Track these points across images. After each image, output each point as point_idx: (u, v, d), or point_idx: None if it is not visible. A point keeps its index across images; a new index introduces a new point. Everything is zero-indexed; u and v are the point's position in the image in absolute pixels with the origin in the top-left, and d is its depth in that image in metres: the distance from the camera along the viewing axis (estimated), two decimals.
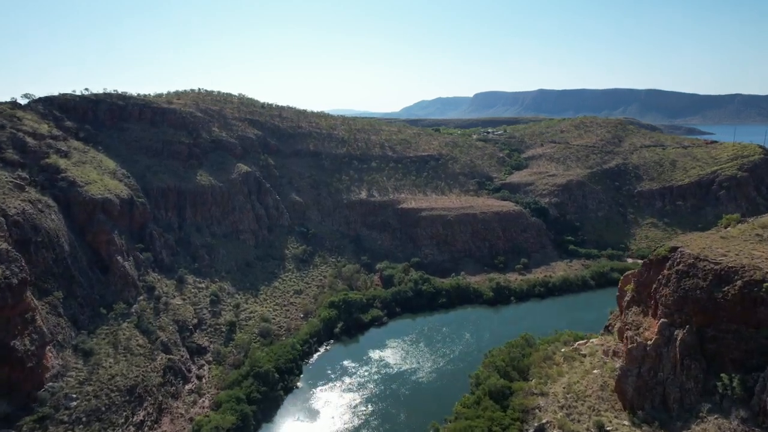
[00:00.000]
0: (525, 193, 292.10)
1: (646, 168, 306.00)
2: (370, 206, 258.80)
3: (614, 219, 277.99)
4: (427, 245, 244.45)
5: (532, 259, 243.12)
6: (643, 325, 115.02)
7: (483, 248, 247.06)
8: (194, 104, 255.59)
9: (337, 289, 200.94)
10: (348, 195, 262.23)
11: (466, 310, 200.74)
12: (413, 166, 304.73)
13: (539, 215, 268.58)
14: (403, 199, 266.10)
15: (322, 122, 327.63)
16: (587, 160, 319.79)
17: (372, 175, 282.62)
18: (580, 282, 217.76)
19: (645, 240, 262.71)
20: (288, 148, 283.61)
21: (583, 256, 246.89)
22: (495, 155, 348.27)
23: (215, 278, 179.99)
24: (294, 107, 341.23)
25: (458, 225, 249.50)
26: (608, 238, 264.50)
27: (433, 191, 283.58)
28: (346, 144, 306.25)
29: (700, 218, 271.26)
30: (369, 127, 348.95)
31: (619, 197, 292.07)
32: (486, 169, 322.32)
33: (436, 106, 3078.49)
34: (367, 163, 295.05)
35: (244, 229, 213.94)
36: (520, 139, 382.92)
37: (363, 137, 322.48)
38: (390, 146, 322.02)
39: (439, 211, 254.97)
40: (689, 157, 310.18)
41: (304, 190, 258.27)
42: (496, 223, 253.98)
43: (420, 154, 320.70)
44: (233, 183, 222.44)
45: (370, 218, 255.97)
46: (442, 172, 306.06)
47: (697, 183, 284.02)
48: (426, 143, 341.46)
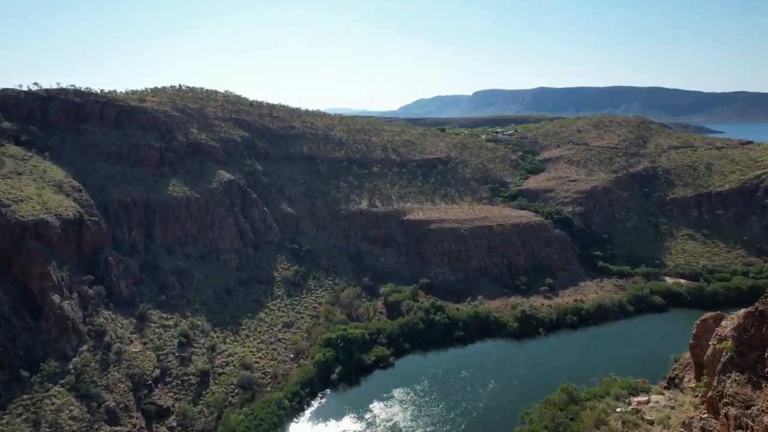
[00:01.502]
0: (544, 201, 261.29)
1: (678, 172, 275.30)
2: (371, 218, 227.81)
3: (645, 230, 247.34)
4: (438, 263, 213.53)
5: (558, 278, 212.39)
6: (756, 402, 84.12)
7: (501, 266, 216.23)
8: (170, 102, 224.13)
9: (335, 320, 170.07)
10: (347, 205, 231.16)
11: (487, 343, 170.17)
12: (419, 171, 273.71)
13: (563, 227, 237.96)
14: (408, 209, 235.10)
15: (318, 122, 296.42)
16: (611, 164, 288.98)
17: (373, 181, 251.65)
18: (617, 308, 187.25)
19: (682, 255, 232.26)
20: (279, 151, 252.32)
21: (615, 274, 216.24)
22: (507, 158, 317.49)
23: (187, 312, 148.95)
24: (286, 105, 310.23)
25: (472, 239, 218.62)
26: (640, 252, 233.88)
27: (442, 199, 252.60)
28: (345, 146, 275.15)
29: (744, 230, 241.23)
30: (369, 128, 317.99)
31: (650, 205, 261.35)
32: (499, 174, 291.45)
33: (436, 104, 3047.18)
34: (368, 167, 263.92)
35: (226, 248, 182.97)
36: (533, 140, 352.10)
37: (363, 138, 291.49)
38: (393, 148, 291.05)
39: (450, 223, 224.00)
40: (726, 160, 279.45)
41: (297, 200, 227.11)
42: (515, 237, 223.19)
43: (426, 157, 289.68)
44: (213, 193, 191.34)
45: (372, 231, 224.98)
46: (452, 177, 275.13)
47: (738, 189, 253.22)
48: (432, 145, 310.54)
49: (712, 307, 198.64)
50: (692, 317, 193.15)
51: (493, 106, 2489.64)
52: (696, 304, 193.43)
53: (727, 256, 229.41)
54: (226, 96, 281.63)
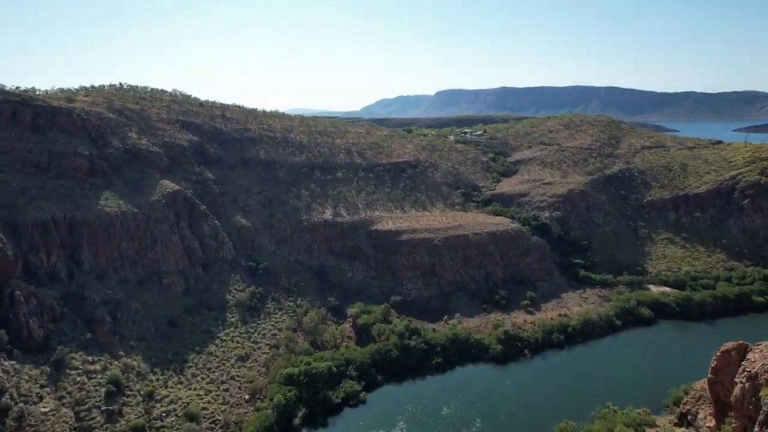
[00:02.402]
0: (520, 206, 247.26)
1: (654, 173, 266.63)
2: (336, 229, 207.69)
3: (624, 235, 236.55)
4: (410, 277, 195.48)
5: (539, 290, 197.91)
6: None
7: (478, 279, 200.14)
8: (106, 103, 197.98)
9: (297, 349, 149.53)
10: (309, 215, 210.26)
11: (468, 369, 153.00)
12: (387, 176, 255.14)
13: (541, 234, 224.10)
14: (377, 219, 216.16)
15: (276, 124, 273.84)
16: (585, 165, 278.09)
17: (338, 188, 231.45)
18: (604, 322, 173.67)
19: (663, 260, 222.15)
20: (232, 156, 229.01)
21: (598, 284, 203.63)
22: (478, 160, 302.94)
23: (120, 351, 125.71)
24: (241, 106, 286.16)
25: (447, 250, 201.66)
26: (621, 258, 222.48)
27: (413, 207, 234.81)
28: (306, 150, 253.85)
29: (722, 233, 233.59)
30: (332, 129, 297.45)
31: (627, 208, 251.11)
32: (471, 177, 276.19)
33: (398, 104, 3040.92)
34: (332, 173, 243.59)
35: (170, 270, 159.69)
36: (504, 141, 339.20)
37: (326, 141, 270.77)
38: (358, 151, 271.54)
39: (422, 233, 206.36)
40: (699, 160, 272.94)
41: (253, 211, 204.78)
42: (492, 246, 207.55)
43: (394, 160, 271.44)
44: (154, 207, 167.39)
45: (338, 244, 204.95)
46: (422, 182, 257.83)
47: (715, 191, 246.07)
48: (400, 147, 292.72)
49: (701, 318, 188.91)
50: (681, 330, 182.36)
51: (456, 106, 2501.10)
52: (684, 315, 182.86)
53: (707, 261, 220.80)
54: (174, 96, 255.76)
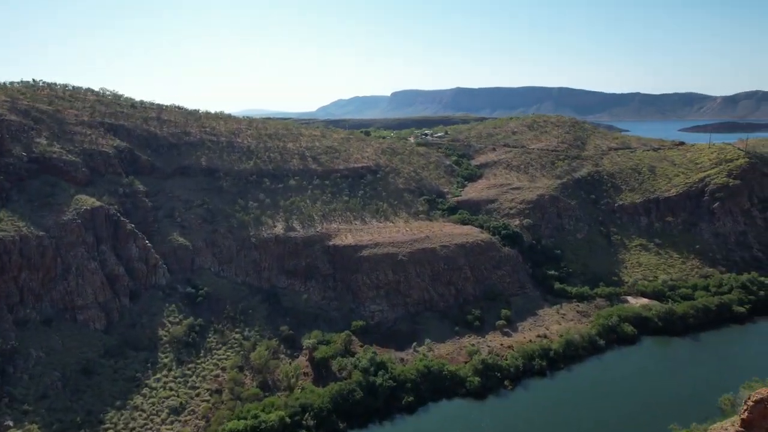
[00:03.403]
0: (488, 213, 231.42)
1: (624, 176, 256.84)
2: (289, 245, 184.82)
3: (597, 242, 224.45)
4: (373, 298, 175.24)
5: (513, 306, 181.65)
6: None
7: (448, 296, 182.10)
8: (8, 103, 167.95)
9: (243, 394, 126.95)
10: (258, 230, 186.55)
11: (442, 407, 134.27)
12: (345, 183, 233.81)
13: (512, 243, 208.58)
14: (335, 232, 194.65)
15: (221, 126, 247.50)
16: (554, 168, 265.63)
17: (291, 198, 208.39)
18: (587, 343, 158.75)
19: (638, 268, 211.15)
20: (169, 164, 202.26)
21: (574, 297, 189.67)
22: (441, 163, 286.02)
23: (8, 420, 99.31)
24: (181, 107, 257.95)
25: (413, 266, 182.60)
26: (595, 267, 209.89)
27: (374, 217, 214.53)
28: (254, 156, 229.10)
29: (695, 237, 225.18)
30: (285, 132, 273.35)
31: (598, 213, 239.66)
32: (434, 183, 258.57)
33: (354, 105, 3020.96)
34: (284, 181, 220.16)
35: (86, 304, 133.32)
36: (466, 143, 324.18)
37: (277, 145, 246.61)
38: (313, 156, 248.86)
39: (385, 247, 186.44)
40: (667, 162, 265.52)
41: (193, 227, 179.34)
42: (461, 260, 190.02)
43: (352, 165, 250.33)
44: (67, 228, 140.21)
45: (291, 262, 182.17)
46: (383, 189, 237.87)
47: (685, 194, 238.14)
48: (358, 151, 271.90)
49: (684, 332, 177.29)
50: (666, 347, 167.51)
51: (412, 106, 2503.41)
52: (667, 330, 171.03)
53: (682, 268, 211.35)
54: (100, 95, 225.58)
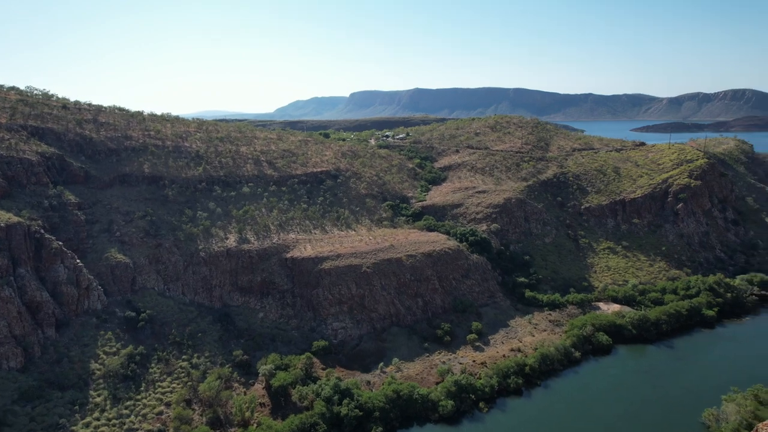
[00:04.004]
0: (454, 218, 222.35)
1: (589, 178, 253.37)
2: (243, 259, 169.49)
3: (566, 246, 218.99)
4: (336, 314, 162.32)
5: (484, 318, 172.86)
6: None
7: (415, 309, 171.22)
8: None
9: None
10: (208, 243, 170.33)
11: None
12: (303, 189, 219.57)
13: (480, 250, 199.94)
14: (293, 243, 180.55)
15: (167, 130, 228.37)
16: (519, 170, 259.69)
17: (244, 206, 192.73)
18: (562, 356, 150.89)
19: (607, 272, 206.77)
20: (107, 172, 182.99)
21: (546, 305, 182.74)
22: (404, 166, 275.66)
23: None
24: (123, 108, 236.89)
25: (378, 278, 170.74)
26: (564, 273, 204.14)
27: (335, 225, 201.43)
28: (204, 161, 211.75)
29: (660, 239, 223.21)
30: (238, 135, 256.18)
31: (565, 216, 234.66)
32: (398, 187, 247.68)
33: (312, 106, 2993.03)
34: (236, 188, 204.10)
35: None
36: (429, 144, 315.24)
37: (229, 150, 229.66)
38: (269, 161, 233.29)
39: (347, 258, 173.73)
40: (630, 163, 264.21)
41: (134, 242, 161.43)
42: (429, 270, 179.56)
43: (311, 170, 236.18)
44: None
45: (245, 278, 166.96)
46: (344, 194, 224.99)
47: (650, 195, 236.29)
48: (317, 154, 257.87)
49: (658, 339, 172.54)
50: (642, 356, 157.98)
51: (371, 107, 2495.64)
52: (642, 337, 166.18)
53: (650, 271, 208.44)
54: (25, 94, 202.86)
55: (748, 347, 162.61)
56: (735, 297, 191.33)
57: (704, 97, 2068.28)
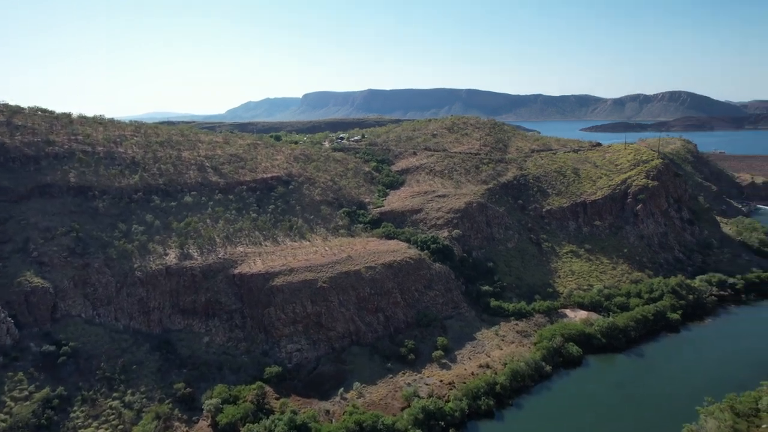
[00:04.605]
0: (414, 225, 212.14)
1: (549, 180, 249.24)
2: (185, 277, 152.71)
3: (529, 251, 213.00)
4: (290, 335, 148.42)
5: (449, 331, 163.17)
6: None
7: (377, 326, 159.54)
8: None
9: None
10: (144, 260, 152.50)
11: None
12: (252, 197, 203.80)
13: (443, 258, 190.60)
14: (241, 257, 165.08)
15: (98, 134, 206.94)
16: (479, 173, 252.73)
17: (187, 218, 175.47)
18: (533, 370, 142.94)
19: (572, 277, 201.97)
20: (23, 182, 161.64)
21: (512, 314, 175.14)
22: (360, 170, 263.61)
23: None
24: (47, 110, 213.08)
25: (336, 293, 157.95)
26: (529, 279, 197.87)
27: (288, 235, 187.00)
28: (141, 168, 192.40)
29: (622, 241, 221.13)
30: (180, 139, 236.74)
31: (527, 220, 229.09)
32: (354, 192, 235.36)
33: (264, 107, 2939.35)
34: (178, 197, 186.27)
35: None
36: (385, 147, 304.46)
37: (169, 155, 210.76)
38: (214, 167, 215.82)
39: (302, 272, 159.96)
40: (589, 164, 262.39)
41: (56, 263, 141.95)
42: (390, 282, 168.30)
43: (261, 176, 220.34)
44: None
45: (188, 298, 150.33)
46: (297, 202, 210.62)
47: (610, 197, 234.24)
48: (267, 159, 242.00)
49: (627, 346, 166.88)
50: (613, 368, 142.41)
51: (324, 108, 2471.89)
52: (611, 346, 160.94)
53: (613, 274, 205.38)
54: None
55: (714, 351, 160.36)
56: (696, 299, 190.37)
57: (645, 98, 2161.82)
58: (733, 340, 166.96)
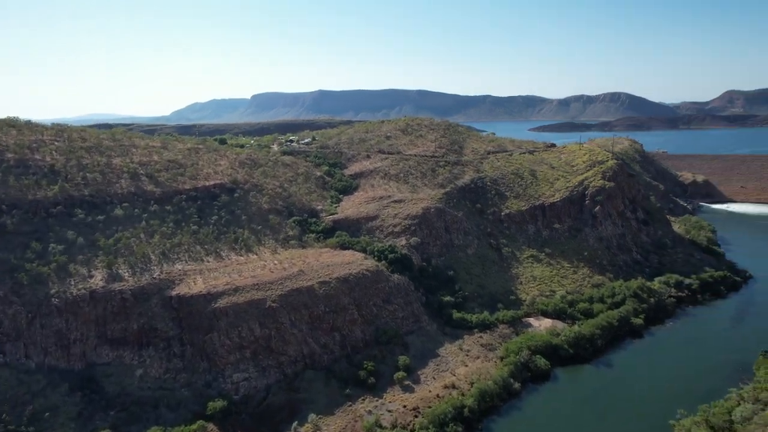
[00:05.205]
0: (370, 233, 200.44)
1: (507, 182, 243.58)
2: (114, 302, 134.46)
3: (489, 257, 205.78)
4: (236, 362, 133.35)
5: (411, 348, 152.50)
6: None
7: (332, 346, 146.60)
8: None
9: None
10: (64, 285, 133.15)
11: None
12: (193, 207, 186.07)
13: (401, 268, 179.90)
14: (179, 276, 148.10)
15: (9, 138, 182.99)
16: (435, 176, 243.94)
17: (117, 233, 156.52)
18: (501, 389, 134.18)
19: (534, 283, 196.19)
20: None
21: (476, 326, 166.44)
22: (311, 175, 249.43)
23: None
24: None
25: (287, 313, 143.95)
26: (490, 286, 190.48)
27: (233, 249, 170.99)
28: (61, 177, 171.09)
29: (581, 244, 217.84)
30: (111, 144, 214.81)
31: (486, 224, 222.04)
32: (305, 199, 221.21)
33: (212, 108, 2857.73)
34: (106, 211, 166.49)
35: None
36: (337, 149, 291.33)
37: (97, 162, 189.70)
38: (149, 174, 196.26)
39: (248, 291, 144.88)
40: (545, 165, 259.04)
41: None
42: (346, 297, 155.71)
43: (203, 183, 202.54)
44: None
45: (117, 326, 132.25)
46: (243, 211, 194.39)
47: (568, 199, 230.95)
48: (210, 164, 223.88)
49: (594, 355, 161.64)
50: (583, 381, 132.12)
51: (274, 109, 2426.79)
52: (579, 356, 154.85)
53: (574, 278, 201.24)
54: None
55: (678, 356, 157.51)
56: (657, 301, 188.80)
57: (588, 99, 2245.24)
58: (695, 344, 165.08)
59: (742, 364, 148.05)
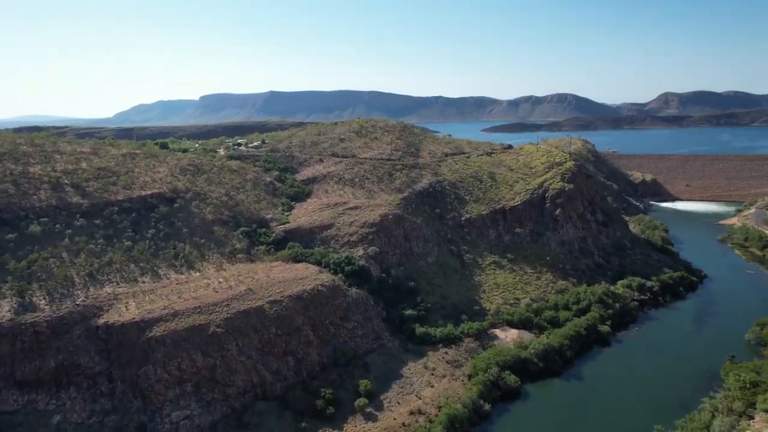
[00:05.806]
0: (325, 243, 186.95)
1: (466, 185, 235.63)
2: (25, 337, 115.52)
3: (450, 265, 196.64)
4: (175, 398, 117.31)
5: (373, 369, 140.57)
6: None
7: (286, 372, 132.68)
8: None
9: None
10: None
11: None
12: (127, 220, 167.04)
13: (360, 282, 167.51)
14: (108, 301, 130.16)
15: None
16: (392, 180, 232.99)
17: (32, 253, 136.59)
18: (471, 411, 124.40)
19: (497, 291, 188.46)
20: None
21: (440, 341, 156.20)
22: (261, 181, 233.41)
23: None
24: None
25: (233, 339, 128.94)
26: (453, 296, 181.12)
27: (172, 266, 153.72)
28: None
29: (543, 249, 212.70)
30: (29, 150, 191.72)
31: (446, 230, 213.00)
32: (254, 207, 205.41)
33: (158, 110, 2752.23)
34: (20, 227, 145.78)
35: None
36: (288, 153, 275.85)
37: (12, 171, 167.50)
38: (76, 184, 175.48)
39: (189, 316, 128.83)
40: (504, 167, 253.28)
41: None
42: (299, 317, 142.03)
43: (139, 193, 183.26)
44: None
45: (29, 366, 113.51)
46: (184, 223, 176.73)
47: (528, 202, 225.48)
48: (147, 172, 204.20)
49: (564, 368, 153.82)
50: (554, 397, 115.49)
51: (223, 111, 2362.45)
52: (549, 370, 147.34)
53: (538, 284, 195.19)
54: None
55: (647, 365, 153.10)
56: (622, 306, 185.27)
57: (537, 100, 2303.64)
58: (662, 350, 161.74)
59: (710, 371, 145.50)
